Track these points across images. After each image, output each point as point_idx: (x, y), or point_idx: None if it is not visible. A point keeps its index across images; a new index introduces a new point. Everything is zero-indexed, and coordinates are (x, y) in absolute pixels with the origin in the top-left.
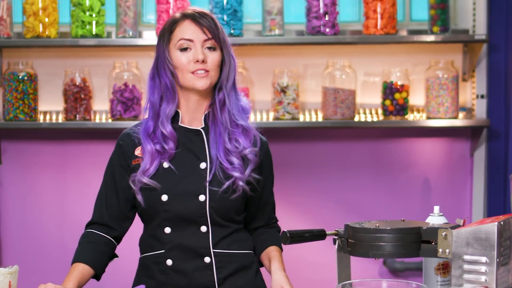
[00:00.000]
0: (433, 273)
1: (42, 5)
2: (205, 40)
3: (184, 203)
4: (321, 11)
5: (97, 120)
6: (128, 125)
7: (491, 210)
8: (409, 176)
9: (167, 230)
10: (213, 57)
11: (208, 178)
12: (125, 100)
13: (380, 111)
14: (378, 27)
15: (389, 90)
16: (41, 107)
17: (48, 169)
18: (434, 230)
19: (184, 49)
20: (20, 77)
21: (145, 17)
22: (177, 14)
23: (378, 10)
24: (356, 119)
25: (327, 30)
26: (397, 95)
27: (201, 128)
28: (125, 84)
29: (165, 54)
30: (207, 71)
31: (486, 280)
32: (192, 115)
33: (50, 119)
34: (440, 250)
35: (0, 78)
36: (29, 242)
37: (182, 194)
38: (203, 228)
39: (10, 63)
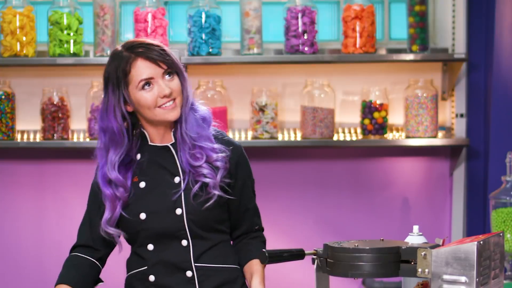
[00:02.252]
0: None
1: (20, 24)
2: (163, 73)
3: (163, 219)
4: (300, 29)
5: (75, 139)
6: None
7: (471, 230)
8: (388, 196)
9: (150, 247)
10: (175, 84)
11: (182, 191)
12: None
13: (359, 130)
14: (357, 45)
15: (368, 109)
16: (19, 126)
17: (25, 189)
18: (414, 250)
19: (145, 87)
20: None
21: (123, 36)
22: (125, 54)
23: (357, 28)
24: (335, 138)
25: (306, 48)
26: (376, 114)
27: (171, 144)
28: None
29: (119, 98)
30: (174, 100)
31: None
32: (162, 135)
33: (28, 138)
34: (420, 269)
35: None
36: (6, 263)
37: (160, 211)
38: (184, 242)
39: None
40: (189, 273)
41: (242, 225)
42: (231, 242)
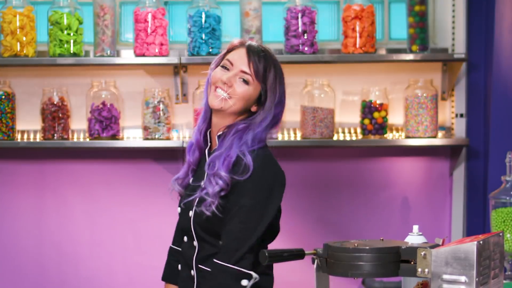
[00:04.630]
0: None
1: (20, 24)
2: (243, 71)
3: (184, 217)
4: (300, 30)
5: (75, 139)
6: (106, 144)
7: (471, 229)
8: (388, 195)
9: (185, 239)
10: (242, 89)
11: (198, 194)
12: (103, 119)
13: (359, 130)
14: (357, 45)
15: (368, 109)
16: (19, 126)
17: (25, 189)
18: (413, 250)
19: (223, 67)
20: None
21: (123, 36)
22: (236, 41)
23: (357, 29)
24: (335, 138)
25: (306, 48)
26: (376, 114)
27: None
28: (103, 103)
29: (211, 73)
30: (228, 94)
31: None
32: (213, 137)
33: (28, 138)
34: (419, 269)
35: None
36: (7, 262)
37: (184, 209)
38: (194, 243)
39: None
40: (192, 272)
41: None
42: None
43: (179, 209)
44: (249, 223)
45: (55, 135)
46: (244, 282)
